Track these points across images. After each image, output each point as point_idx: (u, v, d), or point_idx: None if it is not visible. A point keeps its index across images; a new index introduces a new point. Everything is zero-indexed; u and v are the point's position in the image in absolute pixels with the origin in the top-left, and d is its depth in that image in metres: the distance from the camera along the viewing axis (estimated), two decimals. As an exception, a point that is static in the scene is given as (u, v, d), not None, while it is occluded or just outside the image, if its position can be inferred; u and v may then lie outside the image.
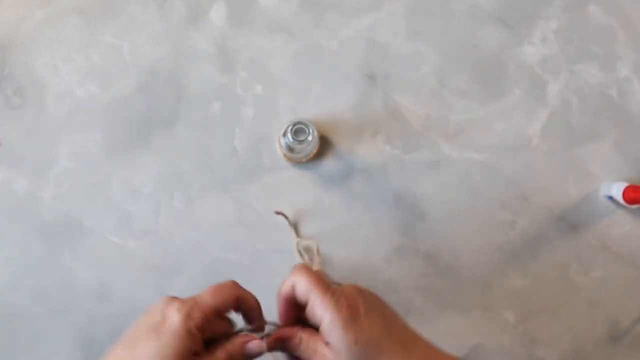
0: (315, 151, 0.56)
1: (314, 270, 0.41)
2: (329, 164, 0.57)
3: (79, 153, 0.57)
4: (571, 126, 0.58)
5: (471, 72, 0.58)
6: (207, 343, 0.38)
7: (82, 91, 0.58)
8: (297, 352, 0.39)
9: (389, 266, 0.56)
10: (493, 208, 0.57)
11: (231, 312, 0.40)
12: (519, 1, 0.59)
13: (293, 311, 0.40)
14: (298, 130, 0.52)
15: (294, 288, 0.39)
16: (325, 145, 0.57)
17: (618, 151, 0.57)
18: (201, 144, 0.57)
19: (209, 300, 0.39)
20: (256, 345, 0.39)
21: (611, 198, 0.56)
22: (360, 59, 0.58)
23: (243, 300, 0.41)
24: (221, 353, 0.39)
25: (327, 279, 0.40)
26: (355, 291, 0.40)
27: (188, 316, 0.37)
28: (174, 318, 0.37)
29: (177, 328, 0.36)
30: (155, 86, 0.58)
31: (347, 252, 0.56)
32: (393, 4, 0.59)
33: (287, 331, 0.40)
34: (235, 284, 0.41)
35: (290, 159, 0.56)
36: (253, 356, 0.40)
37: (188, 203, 0.57)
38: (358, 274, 0.56)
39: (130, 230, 0.56)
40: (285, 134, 0.53)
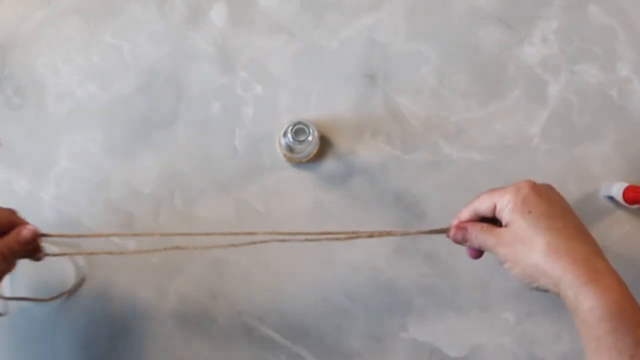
0: (315, 151, 0.56)
1: None
2: (329, 164, 0.57)
3: (79, 153, 0.57)
4: (571, 126, 0.58)
5: (471, 72, 0.58)
6: None
7: (82, 91, 0.58)
8: (477, 238, 0.45)
9: (389, 266, 0.56)
10: (493, 208, 0.57)
11: None
12: (519, 1, 0.59)
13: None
14: (298, 130, 0.52)
15: (477, 209, 0.46)
16: (325, 145, 0.57)
17: (618, 151, 0.57)
18: (201, 144, 0.57)
19: None
20: (29, 230, 0.45)
21: (611, 198, 0.56)
22: (360, 59, 0.58)
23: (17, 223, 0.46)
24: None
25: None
26: (533, 182, 0.44)
27: None
28: None
29: None
30: (155, 86, 0.58)
31: (347, 252, 0.56)
32: (393, 4, 0.59)
33: (460, 234, 0.47)
34: (14, 212, 0.47)
35: (290, 159, 0.56)
36: (29, 241, 0.45)
37: (188, 203, 0.57)
38: (358, 274, 0.56)
39: (130, 230, 0.56)
40: (285, 134, 0.53)
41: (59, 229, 0.56)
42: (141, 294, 0.56)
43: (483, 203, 0.45)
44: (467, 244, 0.47)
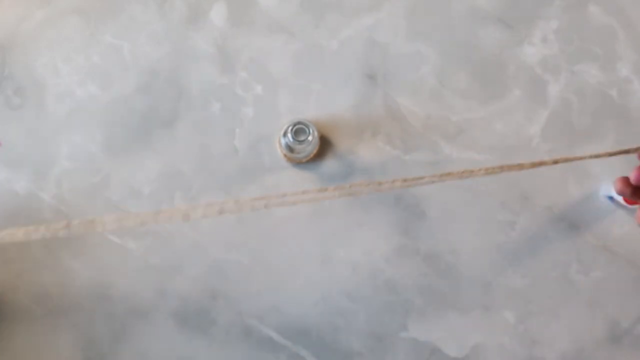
0: (315, 151, 0.56)
1: None
2: (329, 164, 0.57)
3: (79, 153, 0.57)
4: (571, 126, 0.58)
5: (471, 72, 0.58)
6: None
7: (82, 91, 0.58)
8: None
9: (389, 266, 0.56)
10: (493, 208, 0.57)
11: None
12: (519, 1, 0.59)
13: None
14: (298, 130, 0.52)
15: None
16: (325, 145, 0.57)
17: (618, 151, 0.57)
18: (201, 144, 0.57)
19: None
20: None
21: (611, 198, 0.56)
22: (360, 59, 0.58)
23: None
24: None
25: None
26: None
27: None
28: None
29: None
30: (155, 86, 0.58)
31: (347, 252, 0.56)
32: (393, 4, 0.59)
33: None
34: None
35: (290, 159, 0.56)
36: None
37: (188, 203, 0.57)
38: (358, 274, 0.56)
39: (130, 230, 0.56)
40: (285, 134, 0.53)
41: (59, 229, 0.56)
42: (141, 294, 0.56)
43: None
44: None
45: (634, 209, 0.56)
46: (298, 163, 0.57)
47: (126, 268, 0.56)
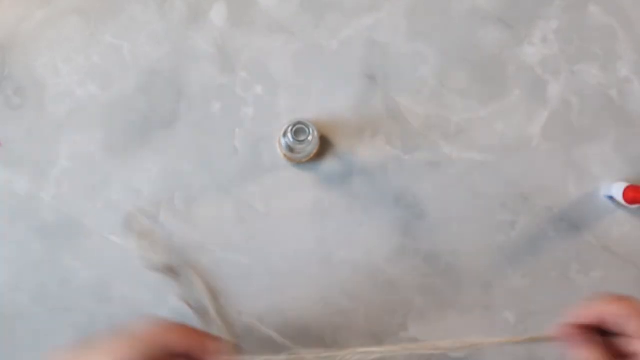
0: (315, 151, 0.56)
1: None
2: (329, 164, 0.57)
3: (79, 153, 0.57)
4: (571, 126, 0.58)
5: (471, 72, 0.58)
6: None
7: (82, 91, 0.58)
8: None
9: (389, 266, 0.56)
10: (493, 208, 0.57)
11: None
12: (519, 1, 0.59)
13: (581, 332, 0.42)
14: (298, 130, 0.52)
15: (602, 316, 0.39)
16: (325, 145, 0.57)
17: (618, 151, 0.57)
18: (201, 144, 0.57)
19: (171, 337, 0.39)
20: None
21: (611, 198, 0.56)
22: (360, 59, 0.58)
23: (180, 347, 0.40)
24: None
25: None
26: None
27: (157, 327, 0.38)
28: (139, 326, 0.38)
29: (137, 349, 0.37)
30: (155, 86, 0.58)
31: (347, 252, 0.56)
32: (393, 4, 0.59)
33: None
34: (196, 337, 0.40)
35: (290, 159, 0.56)
36: None
37: (188, 203, 0.57)
38: (358, 274, 0.56)
39: (129, 230, 0.56)
40: (285, 134, 0.53)
41: (59, 229, 0.56)
42: (141, 294, 0.56)
43: (611, 310, 0.39)
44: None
45: (634, 209, 0.56)
46: (298, 163, 0.57)
47: (126, 268, 0.56)
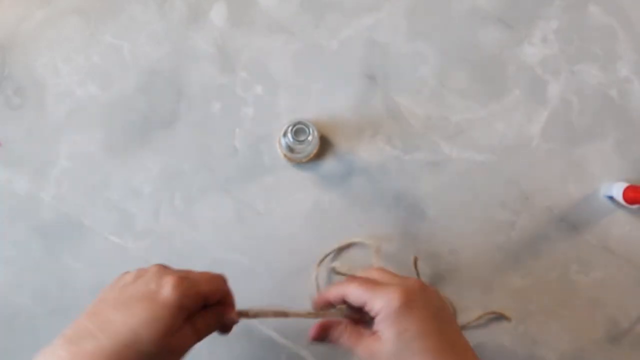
0: (315, 151, 0.56)
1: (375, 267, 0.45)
2: (329, 164, 0.57)
3: (79, 153, 0.57)
4: (571, 126, 0.58)
5: (471, 72, 0.58)
6: None
7: (82, 91, 0.58)
8: (340, 341, 0.42)
9: (389, 266, 0.56)
10: (493, 208, 0.57)
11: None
12: (519, 1, 0.59)
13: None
14: (298, 130, 0.52)
15: (346, 297, 0.42)
16: (325, 145, 0.57)
17: (618, 151, 0.57)
18: (201, 144, 0.57)
19: (203, 286, 0.41)
20: (230, 319, 0.44)
21: (611, 198, 0.56)
22: (360, 59, 0.58)
23: (225, 296, 0.44)
24: (200, 323, 0.42)
25: (390, 274, 0.43)
26: (416, 285, 0.41)
27: (183, 295, 0.39)
28: (170, 294, 0.39)
29: (172, 304, 0.39)
30: (155, 86, 0.58)
31: (347, 252, 0.56)
32: (393, 4, 0.59)
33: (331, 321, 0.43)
34: (225, 281, 0.44)
35: (290, 159, 0.56)
36: (227, 326, 0.44)
37: (188, 203, 0.57)
38: (358, 274, 0.56)
39: (130, 230, 0.56)
40: (285, 134, 0.53)
41: (59, 229, 0.56)
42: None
43: (353, 294, 0.41)
44: (328, 340, 0.44)
45: (634, 209, 0.56)
46: (298, 163, 0.57)
47: (126, 268, 0.56)
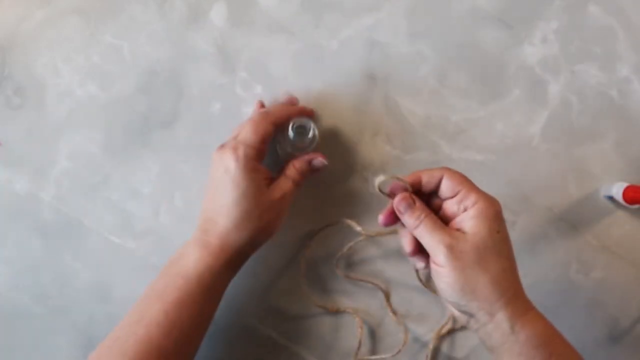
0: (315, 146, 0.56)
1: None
2: (329, 164, 0.57)
3: (79, 153, 0.57)
4: (571, 126, 0.58)
5: (471, 72, 0.58)
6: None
7: (82, 91, 0.58)
8: (414, 226, 0.42)
9: (390, 266, 0.56)
10: (493, 208, 0.57)
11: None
12: (519, 1, 0.59)
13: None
14: (299, 129, 0.52)
15: (441, 178, 0.43)
16: (325, 145, 0.57)
17: (618, 151, 0.57)
18: (201, 144, 0.57)
19: (252, 137, 0.47)
20: (319, 161, 0.51)
21: (611, 198, 0.56)
22: (360, 59, 0.58)
23: (282, 121, 0.50)
24: (291, 170, 0.49)
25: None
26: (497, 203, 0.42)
27: (244, 158, 0.46)
28: (233, 167, 0.46)
29: (241, 173, 0.45)
30: (155, 86, 0.58)
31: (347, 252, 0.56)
32: (393, 4, 0.59)
33: (406, 203, 0.43)
34: (265, 116, 0.49)
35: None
36: (317, 169, 0.51)
37: (188, 203, 0.57)
38: (358, 274, 0.56)
39: (130, 230, 0.56)
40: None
41: (59, 229, 0.56)
42: (141, 294, 0.55)
43: (454, 177, 0.42)
44: (405, 220, 0.43)
45: (634, 209, 0.56)
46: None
47: (126, 268, 0.56)
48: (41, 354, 0.56)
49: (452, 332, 0.56)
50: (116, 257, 0.56)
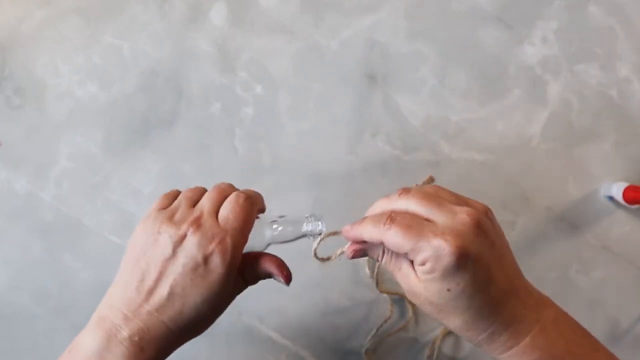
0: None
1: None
2: (329, 164, 0.57)
3: (79, 153, 0.57)
4: (571, 126, 0.58)
5: (471, 72, 0.58)
6: None
7: (82, 91, 0.58)
8: (380, 261, 0.39)
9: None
10: (493, 208, 0.56)
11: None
12: (519, 1, 0.59)
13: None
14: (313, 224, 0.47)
15: (384, 243, 0.37)
16: (325, 145, 0.57)
17: (618, 151, 0.57)
18: (201, 144, 0.57)
19: (241, 227, 0.39)
20: (284, 281, 0.44)
21: (611, 198, 0.56)
22: (360, 59, 0.58)
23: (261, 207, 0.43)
24: (249, 275, 0.42)
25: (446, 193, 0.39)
26: (472, 225, 0.37)
27: (231, 264, 0.38)
28: (218, 267, 0.37)
29: (222, 278, 0.37)
30: (155, 86, 0.58)
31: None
32: (393, 4, 0.59)
33: (367, 245, 0.39)
34: (252, 201, 0.41)
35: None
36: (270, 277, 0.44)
37: (188, 203, 0.57)
38: (358, 274, 0.56)
39: (130, 230, 0.56)
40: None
41: (59, 229, 0.56)
42: None
43: (392, 242, 0.36)
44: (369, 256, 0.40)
45: (634, 209, 0.56)
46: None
47: (126, 268, 0.56)
48: (41, 354, 0.56)
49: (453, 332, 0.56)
50: (116, 257, 0.56)
